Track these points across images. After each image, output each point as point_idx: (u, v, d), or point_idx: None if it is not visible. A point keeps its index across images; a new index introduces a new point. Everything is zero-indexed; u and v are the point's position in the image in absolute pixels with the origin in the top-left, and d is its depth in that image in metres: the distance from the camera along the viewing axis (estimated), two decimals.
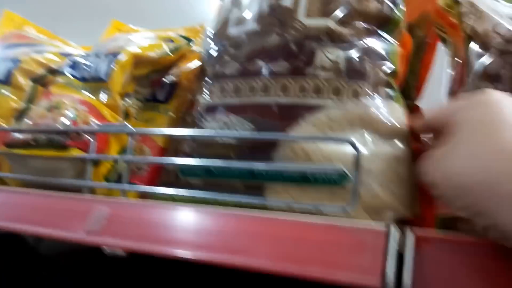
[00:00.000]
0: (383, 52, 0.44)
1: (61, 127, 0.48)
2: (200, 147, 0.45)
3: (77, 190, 0.47)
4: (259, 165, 0.39)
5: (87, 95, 0.54)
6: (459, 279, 0.27)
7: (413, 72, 0.68)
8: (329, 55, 0.41)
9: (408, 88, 0.66)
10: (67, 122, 0.49)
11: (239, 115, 0.43)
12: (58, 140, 0.48)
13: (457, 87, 0.61)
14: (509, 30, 0.52)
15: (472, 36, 0.56)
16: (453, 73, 0.65)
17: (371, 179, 0.36)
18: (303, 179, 0.39)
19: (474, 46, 0.55)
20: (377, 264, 0.30)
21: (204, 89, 0.48)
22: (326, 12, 0.43)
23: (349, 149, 0.37)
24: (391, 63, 0.44)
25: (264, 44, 0.44)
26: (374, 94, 0.41)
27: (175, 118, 0.60)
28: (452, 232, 0.31)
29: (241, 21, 0.47)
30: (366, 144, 0.38)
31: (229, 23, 0.48)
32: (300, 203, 0.37)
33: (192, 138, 0.45)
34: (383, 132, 0.40)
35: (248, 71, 0.44)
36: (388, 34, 0.46)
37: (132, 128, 0.44)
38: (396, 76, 0.45)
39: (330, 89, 0.40)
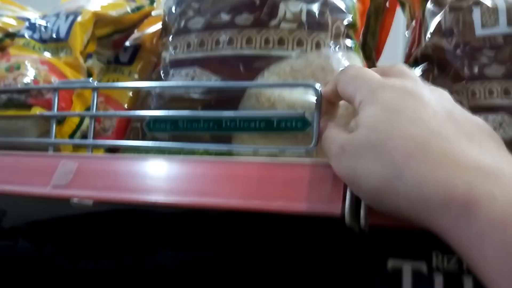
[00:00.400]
0: (343, 6, 0.45)
1: (19, 86, 0.47)
2: (167, 102, 0.45)
3: (41, 149, 0.46)
4: (226, 113, 0.40)
5: (47, 55, 0.53)
6: None
7: (373, 35, 0.70)
8: (292, 7, 0.42)
9: (369, 50, 0.69)
10: (28, 81, 0.48)
11: (205, 68, 0.43)
12: (19, 99, 0.47)
13: (413, 46, 0.64)
14: None
15: None
16: (410, 35, 0.68)
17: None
18: (268, 127, 0.40)
19: (429, 4, 0.58)
20: (337, 195, 0.32)
21: (168, 45, 0.48)
22: None
23: (311, 97, 0.38)
24: (350, 16, 0.46)
25: None
26: (334, 45, 0.43)
27: (141, 79, 0.59)
28: None
29: None
30: None
31: None
32: (266, 147, 0.39)
33: (159, 94, 0.45)
34: None
35: (212, 25, 0.44)
36: None
37: (95, 83, 0.44)
38: (355, 28, 0.47)
39: (293, 41, 0.42)
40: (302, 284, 0.44)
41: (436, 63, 0.54)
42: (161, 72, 0.48)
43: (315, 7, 0.43)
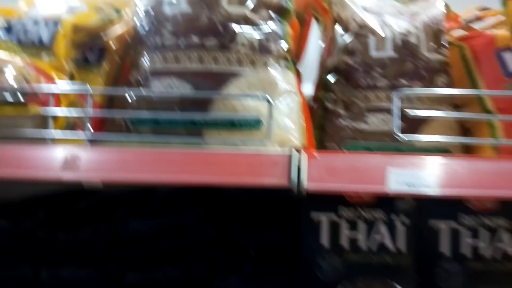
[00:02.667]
0: (281, 34, 0.61)
1: (18, 87, 0.55)
2: (149, 103, 0.57)
3: (35, 141, 0.56)
4: (199, 116, 0.55)
5: (28, 58, 0.61)
6: (325, 173, 0.48)
7: (296, 44, 0.88)
8: (246, 35, 0.57)
9: (293, 57, 0.86)
10: (22, 82, 0.56)
11: (180, 78, 0.56)
12: (16, 98, 0.55)
13: (326, 56, 0.83)
14: (362, 18, 0.74)
15: (337, 20, 0.78)
16: (323, 45, 0.87)
17: (280, 120, 0.55)
18: (232, 125, 0.55)
19: (338, 28, 0.77)
20: (285, 173, 0.49)
21: (146, 56, 0.59)
22: (242, 2, 0.59)
23: (263, 103, 0.54)
24: (286, 42, 0.62)
25: (196, 23, 0.58)
26: (276, 65, 0.59)
27: (108, 78, 0.70)
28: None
29: (174, 2, 0.59)
30: (275, 99, 0.56)
31: (163, 4, 0.60)
32: (232, 141, 0.54)
33: (142, 96, 0.58)
34: (282, 91, 0.59)
35: (185, 44, 0.57)
36: (283, 19, 0.63)
37: (90, 89, 0.55)
38: (289, 51, 0.63)
39: (248, 61, 0.57)
40: (255, 231, 0.61)
41: (343, 75, 0.73)
42: (140, 78, 0.59)
43: (263, 36, 0.59)
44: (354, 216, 0.54)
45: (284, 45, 0.61)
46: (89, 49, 0.70)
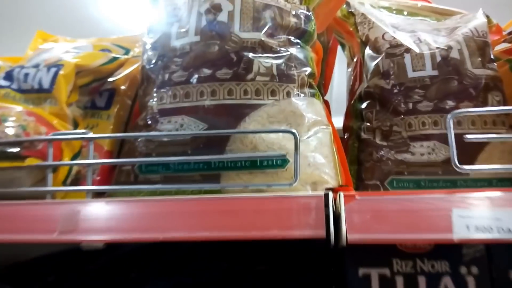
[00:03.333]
0: (303, 59, 0.54)
1: (14, 139, 0.50)
2: (157, 146, 0.50)
3: (35, 197, 0.49)
4: (216, 157, 0.47)
5: (30, 106, 0.56)
6: (370, 219, 0.38)
7: (321, 73, 0.81)
8: (264, 63, 0.50)
9: (319, 87, 0.79)
10: (19, 133, 0.51)
11: (192, 116, 0.49)
12: (12, 151, 0.49)
13: (356, 82, 0.75)
14: (393, 37, 0.66)
15: (366, 42, 0.70)
16: (351, 71, 0.79)
17: (309, 156, 0.46)
18: (252, 165, 0.47)
19: (367, 50, 0.69)
20: (320, 222, 0.39)
21: (152, 95, 0.53)
22: (257, 27, 0.52)
23: (287, 137, 0.46)
24: (310, 67, 0.54)
25: (207, 55, 0.51)
26: (300, 93, 0.51)
27: (118, 122, 0.64)
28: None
29: (183, 34, 0.53)
30: (302, 133, 0.48)
31: (171, 36, 0.54)
32: (254, 184, 0.46)
33: (149, 139, 0.51)
34: (309, 122, 0.50)
35: (196, 78, 0.50)
36: (305, 43, 0.56)
37: (91, 134, 0.48)
38: (314, 77, 0.56)
39: (267, 91, 0.49)
40: None
41: (377, 100, 0.64)
42: (148, 119, 0.53)
43: (282, 61, 0.51)
44: (411, 270, 0.44)
45: (307, 70, 0.53)
46: (97, 93, 0.65)
